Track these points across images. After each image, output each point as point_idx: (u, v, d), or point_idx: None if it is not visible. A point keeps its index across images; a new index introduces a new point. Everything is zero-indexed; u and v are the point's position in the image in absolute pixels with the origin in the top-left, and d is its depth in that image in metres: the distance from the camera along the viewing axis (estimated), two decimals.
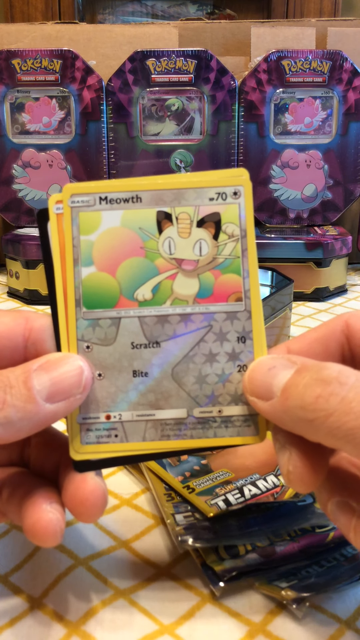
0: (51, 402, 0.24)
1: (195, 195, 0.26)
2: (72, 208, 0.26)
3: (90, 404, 0.26)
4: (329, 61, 0.76)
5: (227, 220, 0.26)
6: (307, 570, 0.29)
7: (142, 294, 0.26)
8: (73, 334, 0.26)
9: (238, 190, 0.26)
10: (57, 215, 0.26)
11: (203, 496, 0.32)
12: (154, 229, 0.26)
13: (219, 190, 0.26)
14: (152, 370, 0.26)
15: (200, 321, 0.26)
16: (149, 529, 0.32)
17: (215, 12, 1.67)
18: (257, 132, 0.78)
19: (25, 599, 0.28)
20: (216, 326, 0.26)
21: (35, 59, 0.76)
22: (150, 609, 0.28)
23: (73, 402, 0.25)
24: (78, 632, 0.26)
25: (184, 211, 0.26)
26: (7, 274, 0.76)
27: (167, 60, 0.76)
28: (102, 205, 0.26)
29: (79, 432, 0.26)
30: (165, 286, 0.26)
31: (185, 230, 0.26)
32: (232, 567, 0.28)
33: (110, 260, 0.26)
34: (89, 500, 0.25)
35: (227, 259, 0.26)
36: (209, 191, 0.26)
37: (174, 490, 0.33)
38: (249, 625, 0.27)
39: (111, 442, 0.26)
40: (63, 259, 0.26)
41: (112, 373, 0.26)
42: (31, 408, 0.24)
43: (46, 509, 0.25)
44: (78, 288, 0.26)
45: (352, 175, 0.80)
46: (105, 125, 0.78)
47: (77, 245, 0.26)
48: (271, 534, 0.30)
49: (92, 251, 0.26)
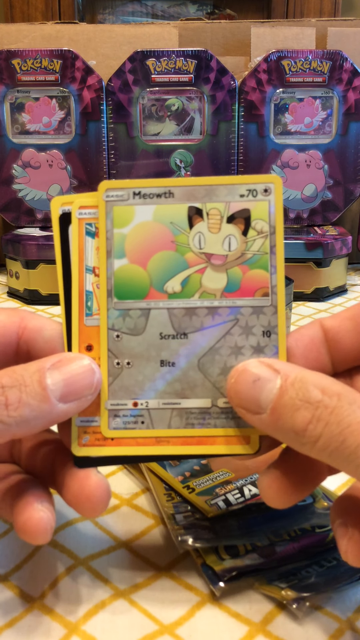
0: (64, 402, 0.25)
1: (227, 192, 0.27)
2: (107, 202, 0.27)
3: (119, 391, 0.27)
4: (329, 61, 0.76)
5: (257, 216, 0.27)
6: (307, 570, 0.29)
7: (171, 287, 0.27)
8: (83, 336, 0.27)
9: (269, 187, 0.27)
10: (79, 220, 0.27)
11: (203, 496, 0.32)
12: (185, 224, 0.27)
13: (250, 187, 0.27)
14: (179, 360, 0.27)
15: (227, 314, 0.27)
16: (149, 529, 0.32)
17: (215, 12, 1.67)
18: (257, 132, 0.78)
19: (25, 599, 0.28)
20: (242, 320, 0.27)
21: (35, 59, 0.76)
22: (150, 609, 0.28)
23: (84, 403, 0.26)
24: (78, 632, 0.26)
25: (214, 207, 0.27)
26: (7, 274, 0.76)
27: (167, 60, 0.76)
28: (136, 200, 0.27)
29: (107, 418, 0.27)
30: (194, 280, 0.27)
31: (215, 225, 0.27)
32: (232, 567, 0.28)
33: (141, 253, 0.27)
34: (95, 496, 0.26)
35: (255, 255, 0.27)
36: (240, 188, 0.27)
37: (174, 490, 0.33)
38: (248, 625, 0.27)
39: (137, 428, 0.27)
40: (81, 262, 0.27)
41: (140, 362, 0.27)
42: (45, 407, 0.24)
43: (37, 508, 0.26)
44: (110, 279, 0.27)
45: (352, 175, 0.80)
46: (105, 125, 0.78)
47: (110, 237, 0.27)
48: (271, 534, 0.30)
49: (124, 244, 0.27)
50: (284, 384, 0.24)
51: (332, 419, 0.22)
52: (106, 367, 0.27)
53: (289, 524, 0.31)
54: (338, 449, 0.22)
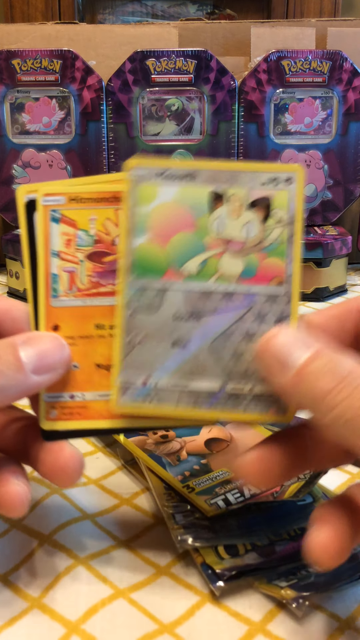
0: (37, 374, 0.26)
1: (249, 179, 0.27)
2: (132, 180, 0.27)
3: (129, 368, 0.27)
4: (328, 61, 0.76)
5: (277, 205, 0.27)
6: (307, 569, 0.29)
7: (188, 269, 0.27)
8: (50, 316, 0.28)
9: (291, 176, 0.27)
10: (44, 206, 0.28)
11: (203, 495, 0.32)
12: (205, 207, 0.27)
13: (273, 176, 0.27)
14: (190, 342, 0.27)
15: (241, 300, 0.27)
16: (149, 529, 0.32)
17: (215, 12, 1.67)
18: (257, 132, 0.78)
19: (25, 599, 0.28)
20: (256, 307, 0.27)
21: (35, 59, 0.76)
22: (150, 608, 0.28)
23: (55, 376, 0.27)
24: (78, 631, 0.26)
25: (236, 193, 0.27)
26: (7, 274, 0.76)
27: (167, 60, 0.76)
28: (159, 180, 0.27)
29: (117, 393, 0.27)
30: (212, 263, 0.27)
31: (235, 211, 0.27)
32: (231, 567, 0.28)
33: (162, 232, 0.28)
34: (69, 467, 0.28)
35: (273, 243, 0.27)
36: (263, 175, 0.27)
37: (174, 490, 0.33)
38: (248, 625, 0.27)
39: (145, 406, 0.27)
40: (47, 246, 0.28)
41: (152, 341, 0.27)
42: (20, 377, 0.26)
43: (14, 482, 0.27)
44: (129, 256, 0.27)
45: (352, 175, 0.80)
46: (105, 126, 0.78)
47: (132, 215, 0.28)
48: (271, 534, 0.30)
49: (146, 222, 0.28)
50: (315, 353, 0.24)
51: (355, 393, 0.23)
52: (119, 343, 0.27)
53: (288, 524, 0.31)
54: (354, 419, 0.23)
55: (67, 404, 0.28)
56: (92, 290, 0.28)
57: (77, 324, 0.28)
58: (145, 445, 0.37)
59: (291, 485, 0.32)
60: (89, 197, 0.28)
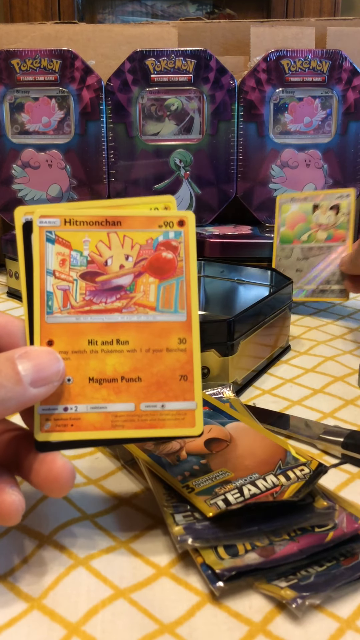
0: (34, 387, 0.28)
1: (332, 195, 0.66)
2: (279, 201, 0.68)
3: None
4: (328, 61, 0.76)
5: (343, 207, 0.65)
6: (307, 569, 0.29)
7: (303, 238, 0.66)
8: (45, 332, 0.30)
9: (349, 193, 0.66)
10: (40, 228, 0.30)
11: (202, 496, 0.32)
12: (310, 211, 0.67)
13: (342, 194, 0.66)
14: (304, 270, 0.67)
15: (325, 250, 0.66)
16: (149, 529, 0.32)
17: (214, 11, 1.67)
18: (256, 131, 0.78)
19: (26, 599, 0.28)
20: (335, 252, 0.66)
21: (34, 59, 0.76)
22: (150, 609, 0.28)
23: (51, 389, 0.28)
24: (78, 632, 0.26)
25: (325, 204, 0.66)
26: (6, 274, 0.76)
27: (166, 60, 0.76)
28: (291, 202, 0.67)
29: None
30: (313, 235, 0.66)
31: (324, 211, 0.66)
32: (231, 567, 0.28)
33: (291, 224, 0.67)
34: (62, 477, 0.28)
35: (341, 223, 0.65)
36: (335, 195, 0.66)
37: (174, 490, 0.33)
38: (248, 625, 0.27)
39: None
40: (42, 266, 0.30)
41: (287, 270, 0.68)
42: (19, 389, 0.27)
43: (9, 492, 0.28)
44: (278, 234, 0.67)
45: (351, 174, 0.80)
46: (105, 125, 0.78)
47: (278, 219, 0.68)
48: (271, 534, 0.30)
49: (285, 219, 0.67)
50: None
51: None
52: None
53: (288, 524, 0.31)
54: None
55: (61, 416, 0.29)
56: (85, 307, 0.30)
57: (70, 340, 0.30)
58: (145, 445, 0.37)
59: (291, 485, 0.32)
60: (82, 220, 0.30)
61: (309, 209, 0.67)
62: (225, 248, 0.72)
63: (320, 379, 0.51)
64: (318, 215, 0.67)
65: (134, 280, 0.30)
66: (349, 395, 0.48)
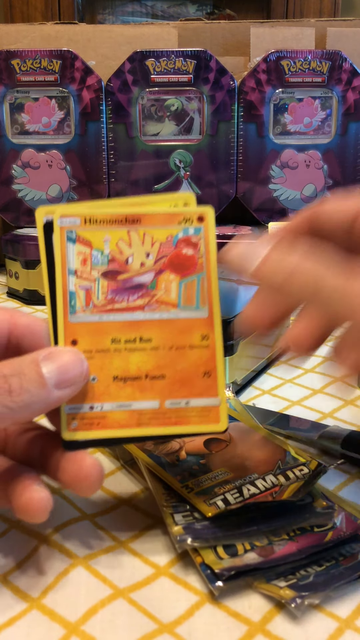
0: (59, 389, 0.27)
1: None
2: (272, 229, 0.51)
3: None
4: (328, 61, 0.76)
5: None
6: (306, 569, 0.29)
7: None
8: (68, 331, 0.30)
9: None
10: (61, 228, 0.30)
11: (202, 496, 0.32)
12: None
13: None
14: None
15: None
16: (148, 529, 0.32)
17: (214, 12, 1.67)
18: (256, 132, 0.79)
19: (25, 599, 0.28)
20: None
21: (34, 60, 0.76)
22: (150, 609, 0.28)
23: (75, 389, 0.28)
24: (77, 632, 0.26)
25: None
26: (6, 274, 0.76)
27: (166, 60, 0.76)
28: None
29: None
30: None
31: None
32: (230, 567, 0.28)
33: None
34: (92, 475, 0.28)
35: None
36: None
37: (173, 490, 0.33)
38: (247, 625, 0.27)
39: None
40: (64, 266, 0.30)
41: None
42: (43, 393, 0.27)
43: (36, 489, 0.28)
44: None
45: (351, 175, 0.80)
46: (105, 126, 0.78)
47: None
48: (270, 534, 0.30)
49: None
50: (269, 253, 0.30)
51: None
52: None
53: (287, 524, 0.31)
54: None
55: (87, 415, 0.29)
56: (108, 306, 0.30)
57: (94, 339, 0.30)
58: (145, 445, 0.37)
59: (290, 485, 0.32)
60: (102, 219, 0.30)
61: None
62: None
63: (320, 379, 0.51)
64: None
65: (155, 278, 0.30)
66: (348, 395, 0.48)
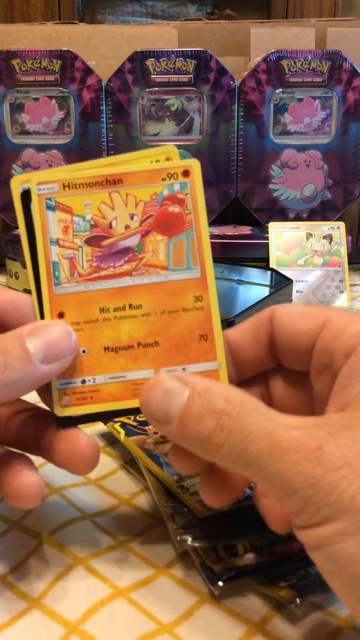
0: (46, 364, 0.26)
1: (322, 227, 0.71)
2: (273, 229, 0.68)
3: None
4: (328, 61, 0.76)
5: (335, 237, 0.68)
6: (306, 569, 0.29)
7: (300, 262, 0.69)
8: (54, 304, 0.28)
9: (339, 225, 0.70)
10: (39, 195, 0.28)
11: (197, 496, 0.32)
12: (304, 239, 0.70)
13: (332, 226, 0.71)
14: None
15: (322, 274, 0.69)
16: (148, 529, 0.32)
17: (214, 12, 1.67)
18: (256, 132, 0.78)
19: (25, 599, 0.28)
20: (330, 275, 0.70)
21: (34, 59, 0.76)
22: (150, 608, 0.28)
23: (64, 363, 0.27)
24: (77, 631, 0.26)
25: (317, 233, 0.71)
26: (6, 274, 0.76)
27: (166, 60, 0.76)
28: (284, 229, 0.70)
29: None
30: (310, 260, 0.70)
31: (318, 240, 0.70)
32: (230, 567, 0.28)
33: (286, 249, 0.70)
34: (88, 454, 0.28)
35: (335, 251, 0.69)
36: (328, 225, 0.72)
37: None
38: (247, 625, 0.27)
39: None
40: (45, 235, 0.28)
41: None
42: (29, 369, 0.26)
43: (28, 474, 0.28)
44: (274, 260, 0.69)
45: (351, 175, 0.80)
46: (105, 126, 0.78)
47: (271, 244, 0.70)
48: (270, 534, 0.30)
49: (279, 246, 0.71)
50: (191, 395, 0.25)
51: (235, 426, 0.23)
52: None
53: None
54: (241, 455, 0.23)
55: (79, 389, 0.29)
56: (94, 274, 0.28)
57: (81, 310, 0.28)
58: (145, 444, 0.37)
59: None
60: (81, 182, 0.28)
61: (302, 236, 0.71)
62: (225, 248, 0.72)
63: None
64: (312, 242, 0.70)
65: (141, 240, 0.29)
66: None
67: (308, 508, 0.22)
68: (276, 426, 0.23)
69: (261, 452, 0.23)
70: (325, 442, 0.22)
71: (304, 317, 0.28)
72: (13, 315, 0.29)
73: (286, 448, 0.22)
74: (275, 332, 0.29)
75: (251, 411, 0.24)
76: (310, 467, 0.22)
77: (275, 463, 0.22)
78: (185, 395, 0.25)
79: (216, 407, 0.24)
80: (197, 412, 0.24)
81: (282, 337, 0.29)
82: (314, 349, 0.28)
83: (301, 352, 0.28)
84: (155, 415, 0.25)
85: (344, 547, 0.22)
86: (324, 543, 0.22)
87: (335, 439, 0.22)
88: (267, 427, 0.23)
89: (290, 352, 0.29)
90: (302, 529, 0.23)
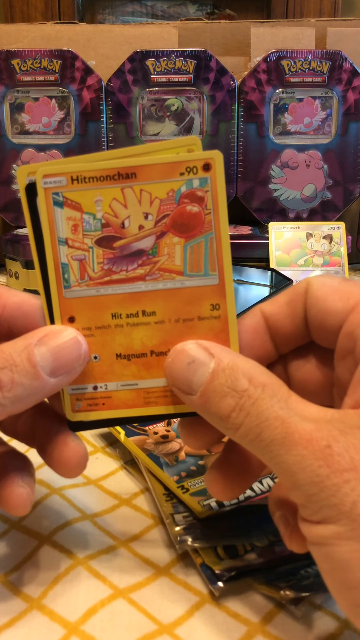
0: (54, 377, 0.26)
1: (322, 227, 0.73)
2: (273, 229, 0.72)
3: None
4: (328, 61, 0.76)
5: (335, 237, 0.74)
6: (306, 570, 0.29)
7: (300, 262, 0.71)
8: (65, 308, 0.27)
9: (339, 225, 0.73)
10: (45, 189, 0.26)
11: (197, 496, 0.32)
12: (304, 239, 0.73)
13: (332, 226, 0.73)
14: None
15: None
16: (148, 529, 0.32)
17: (215, 12, 1.67)
18: (256, 132, 0.78)
19: (25, 599, 0.28)
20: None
21: (34, 59, 0.76)
22: (150, 609, 0.28)
23: (73, 374, 0.27)
24: (77, 632, 0.26)
25: (317, 233, 0.74)
26: (6, 274, 0.76)
27: (166, 60, 0.76)
28: (284, 229, 0.72)
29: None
30: (310, 260, 0.70)
31: (318, 240, 0.73)
32: (231, 567, 0.28)
33: (286, 249, 0.72)
34: (73, 461, 0.28)
35: (335, 251, 0.73)
36: (328, 225, 0.74)
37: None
38: (248, 625, 0.27)
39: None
40: (52, 234, 0.27)
41: None
42: (37, 384, 0.25)
43: (19, 483, 0.28)
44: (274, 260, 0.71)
45: (351, 175, 0.80)
46: (105, 126, 0.78)
47: (271, 244, 0.73)
48: (270, 534, 0.30)
49: (279, 246, 0.72)
50: (216, 369, 0.25)
51: (253, 410, 0.23)
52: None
53: None
54: (255, 439, 0.23)
55: (91, 395, 0.28)
56: (105, 278, 0.27)
57: (92, 315, 0.27)
58: (145, 444, 0.37)
59: None
60: (91, 175, 0.26)
61: (302, 236, 0.72)
62: None
63: None
64: (312, 242, 0.71)
65: (156, 242, 0.26)
66: None
67: (311, 505, 0.22)
68: (291, 415, 0.23)
69: (273, 440, 0.23)
70: (336, 440, 0.22)
71: (338, 294, 0.26)
72: (22, 320, 0.28)
73: (297, 440, 0.22)
74: (308, 306, 0.27)
75: (271, 396, 0.23)
76: (317, 465, 0.22)
77: (285, 454, 0.22)
78: (210, 368, 0.25)
79: (239, 387, 0.24)
80: (220, 389, 0.24)
81: (313, 312, 0.27)
82: (341, 330, 0.26)
83: (329, 331, 0.27)
84: (177, 384, 0.25)
85: (339, 551, 0.22)
86: (322, 542, 0.22)
87: (346, 438, 0.22)
88: (282, 415, 0.23)
89: (319, 329, 0.27)
90: (305, 522, 0.23)
